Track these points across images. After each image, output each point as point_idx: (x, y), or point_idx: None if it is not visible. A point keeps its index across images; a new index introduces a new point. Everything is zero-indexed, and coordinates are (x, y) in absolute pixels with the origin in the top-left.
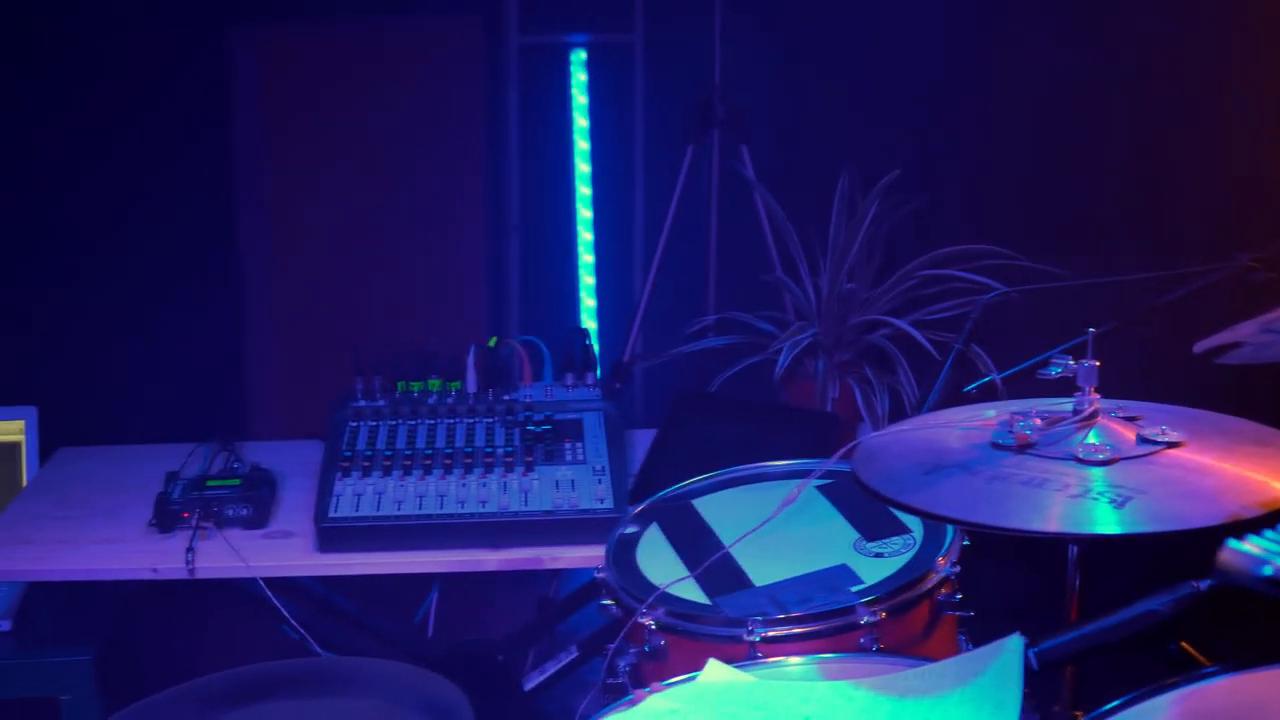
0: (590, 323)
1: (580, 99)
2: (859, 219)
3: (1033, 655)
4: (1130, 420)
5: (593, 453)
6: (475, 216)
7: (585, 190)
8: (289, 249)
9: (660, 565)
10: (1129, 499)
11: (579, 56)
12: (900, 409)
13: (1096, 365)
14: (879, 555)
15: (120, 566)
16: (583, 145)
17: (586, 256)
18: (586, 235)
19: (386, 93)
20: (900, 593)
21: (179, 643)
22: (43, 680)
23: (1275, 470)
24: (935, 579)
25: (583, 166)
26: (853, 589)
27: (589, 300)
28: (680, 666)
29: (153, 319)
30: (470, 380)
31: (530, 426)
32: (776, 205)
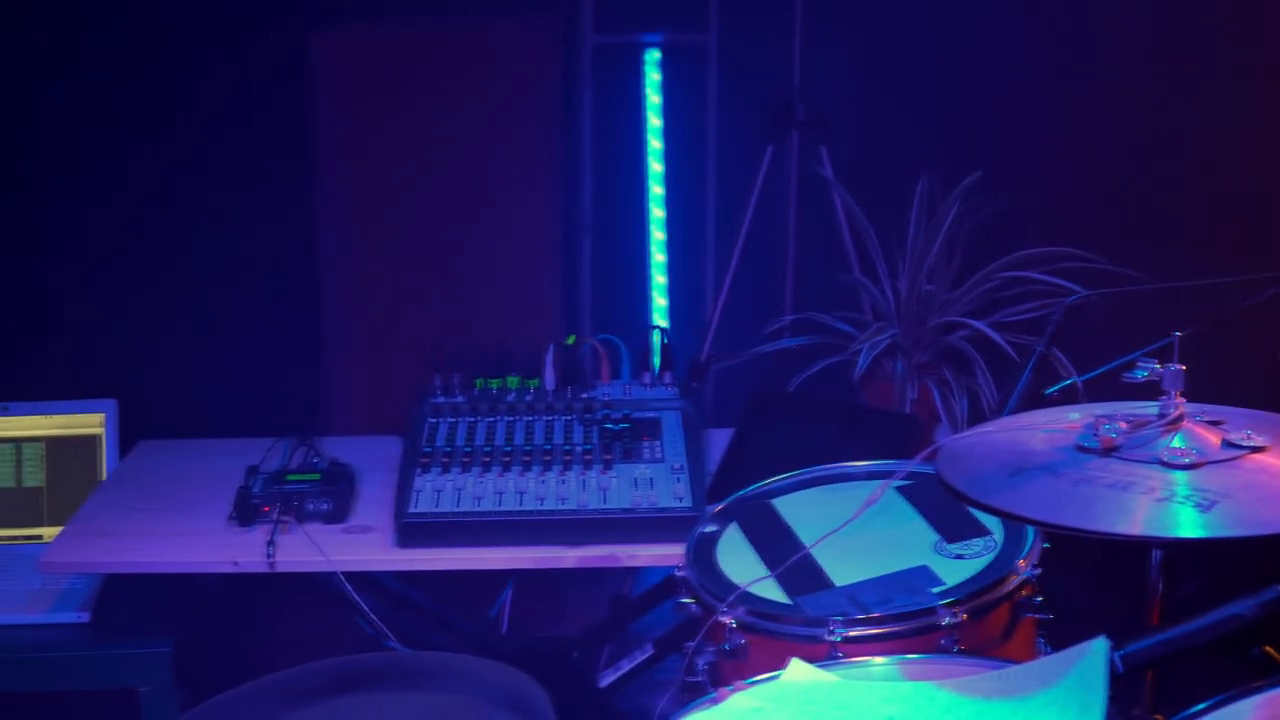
0: (661, 322)
1: (654, 99)
2: (939, 220)
3: (1118, 658)
4: (1215, 424)
5: (671, 451)
6: (550, 215)
7: (658, 190)
8: (367, 247)
9: (740, 564)
10: (1214, 503)
11: (653, 56)
12: (978, 411)
13: (1182, 369)
14: (959, 557)
15: (201, 559)
16: (656, 145)
17: (659, 256)
18: (659, 235)
19: (462, 93)
20: (981, 594)
21: (254, 636)
22: (121, 672)
23: None
24: (1016, 581)
25: (656, 166)
26: (933, 590)
27: (660, 299)
28: (760, 665)
29: (233, 314)
30: (549, 378)
31: (608, 425)
32: (855, 206)
